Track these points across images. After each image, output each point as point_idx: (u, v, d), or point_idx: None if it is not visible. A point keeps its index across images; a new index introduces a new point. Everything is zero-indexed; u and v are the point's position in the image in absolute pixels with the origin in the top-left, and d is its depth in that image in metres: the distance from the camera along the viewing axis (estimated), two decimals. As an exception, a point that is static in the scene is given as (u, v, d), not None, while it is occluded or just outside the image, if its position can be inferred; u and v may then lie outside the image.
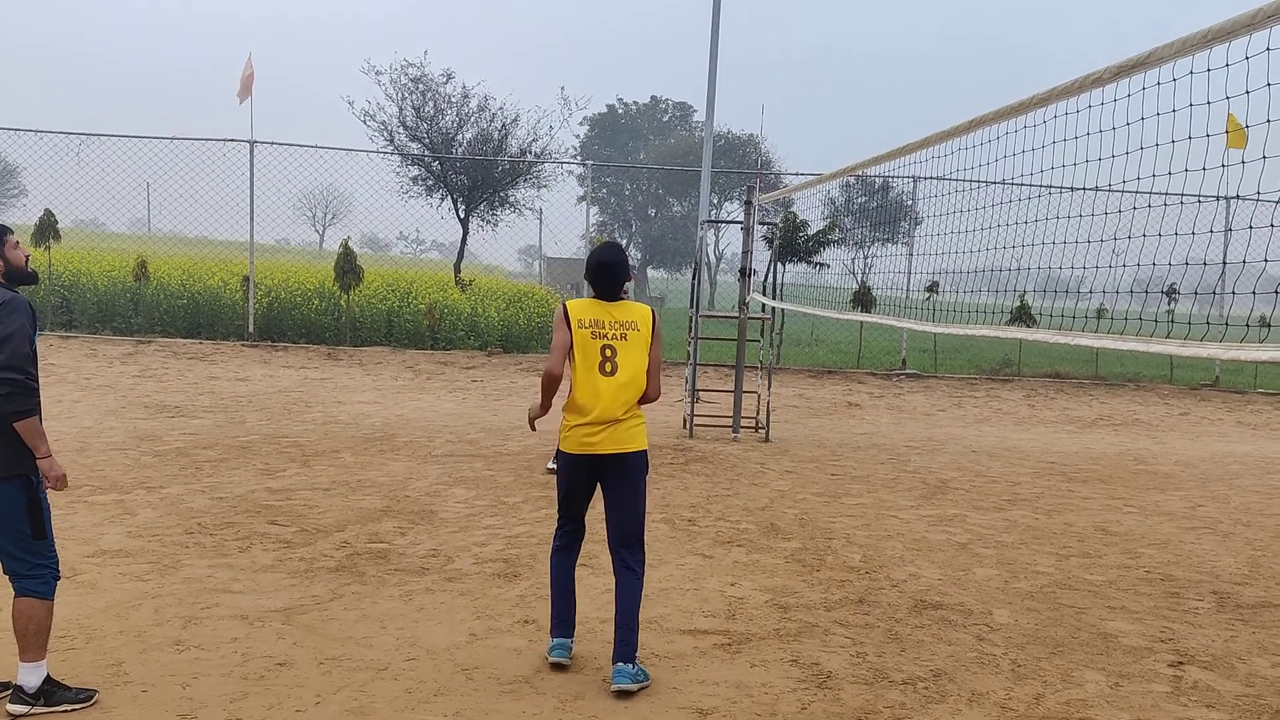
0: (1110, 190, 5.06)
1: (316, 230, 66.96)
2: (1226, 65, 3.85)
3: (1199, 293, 15.95)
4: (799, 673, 4.52)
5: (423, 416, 11.58)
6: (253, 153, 17.64)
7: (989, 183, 6.75)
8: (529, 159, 24.43)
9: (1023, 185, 6.28)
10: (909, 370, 18.04)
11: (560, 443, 4.50)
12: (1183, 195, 4.75)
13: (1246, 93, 3.84)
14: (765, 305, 12.36)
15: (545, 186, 25.80)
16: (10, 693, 3.86)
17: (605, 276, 4.45)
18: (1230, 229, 16.09)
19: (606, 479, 4.46)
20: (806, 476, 9.19)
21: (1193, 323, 5.13)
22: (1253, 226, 4.34)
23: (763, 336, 12.49)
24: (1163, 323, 5.60)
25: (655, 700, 4.17)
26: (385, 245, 58.25)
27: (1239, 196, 4.33)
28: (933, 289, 17.46)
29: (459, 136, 24.40)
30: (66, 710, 3.82)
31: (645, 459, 4.46)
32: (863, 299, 18.25)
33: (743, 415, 11.39)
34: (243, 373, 14.65)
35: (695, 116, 61.97)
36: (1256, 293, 4.42)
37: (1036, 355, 19.45)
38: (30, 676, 3.83)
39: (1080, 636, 5.16)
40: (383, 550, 6.12)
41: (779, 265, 16.32)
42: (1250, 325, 9.93)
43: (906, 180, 20.07)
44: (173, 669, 4.24)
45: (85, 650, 4.40)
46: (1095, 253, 5.45)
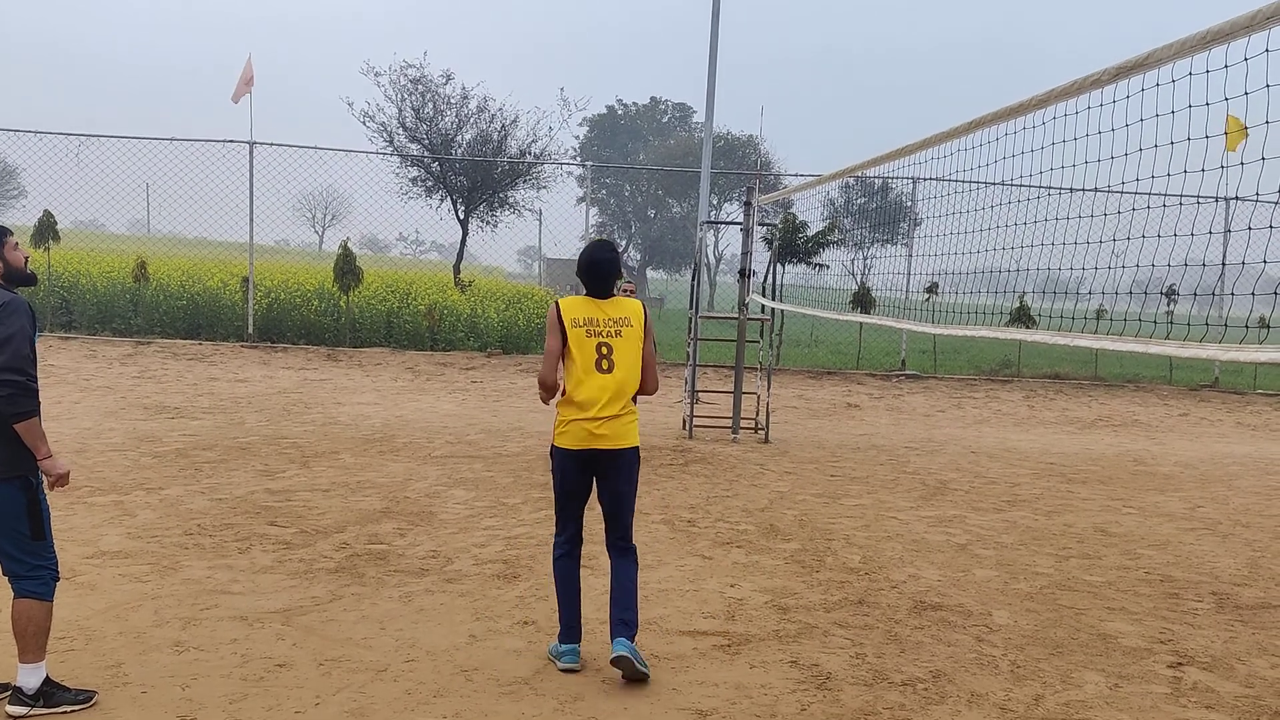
0: (1110, 191, 5.06)
1: (316, 231, 67.05)
2: (1225, 67, 3.85)
3: (1198, 294, 15.98)
4: (798, 674, 4.52)
5: (422, 417, 11.58)
6: (252, 154, 17.65)
7: (988, 184, 6.76)
8: (528, 160, 24.44)
9: (1022, 186, 6.29)
10: (908, 371, 18.04)
11: (556, 439, 4.51)
12: (1182, 196, 4.75)
13: (1245, 94, 3.85)
14: (765, 306, 12.36)
15: (545, 187, 25.87)
16: (10, 694, 3.86)
17: (597, 274, 4.55)
18: (1230, 230, 16.09)
19: (603, 475, 4.52)
20: (806, 477, 9.19)
21: (1192, 324, 5.13)
22: (1252, 228, 4.34)
23: (762, 337, 12.49)
24: (1162, 324, 5.61)
25: (655, 701, 4.17)
26: (385, 246, 58.20)
27: (1238, 198, 4.33)
28: (932, 290, 17.48)
29: (458, 137, 24.43)
30: (66, 711, 3.82)
31: (639, 454, 4.59)
32: (862, 300, 18.25)
33: (742, 416, 11.39)
34: (242, 374, 14.65)
35: (695, 117, 62.03)
36: (1256, 294, 4.42)
37: (1036, 356, 19.45)
38: (29, 678, 3.83)
39: (1080, 637, 5.16)
40: (382, 551, 6.12)
41: (778, 266, 16.33)
42: (1250, 326, 9.92)
43: (906, 181, 20.08)
44: (172, 670, 4.24)
45: (85, 651, 4.39)
46: (1095, 254, 5.46)
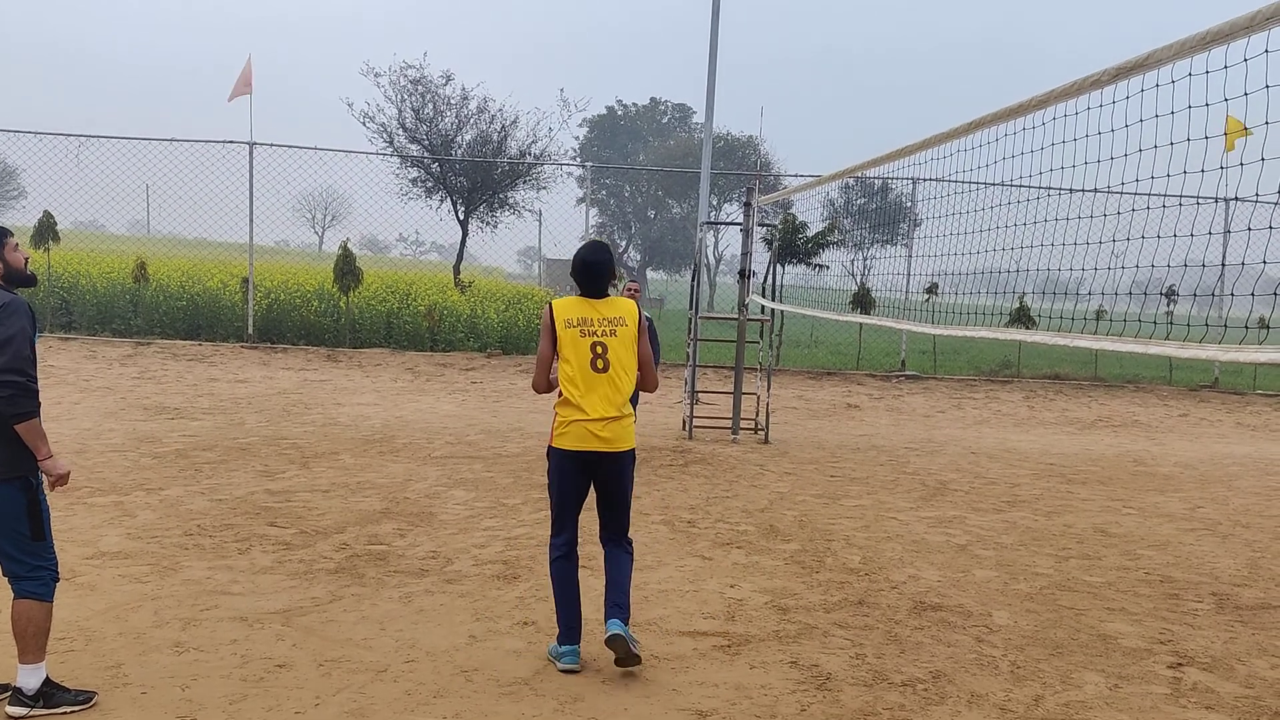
0: (1110, 192, 5.07)
1: (316, 232, 67.06)
2: (1225, 67, 3.86)
3: (1198, 294, 15.98)
4: (798, 674, 4.52)
5: (422, 418, 11.58)
6: (252, 154, 17.64)
7: (988, 184, 6.76)
8: (528, 161, 24.44)
9: (1022, 187, 6.29)
10: (908, 372, 18.04)
11: (555, 440, 4.52)
12: (1182, 197, 4.75)
13: (1245, 94, 3.85)
14: (765, 307, 12.37)
15: (544, 188, 25.85)
16: (10, 695, 3.86)
17: (591, 275, 4.61)
18: (1229, 230, 16.09)
19: (602, 477, 4.55)
20: (806, 478, 9.19)
21: (1192, 324, 5.14)
22: (1251, 228, 4.35)
23: (762, 338, 12.50)
24: (1162, 324, 5.61)
25: (655, 702, 4.17)
26: (385, 247, 58.23)
27: (1238, 198, 4.34)
28: (932, 290, 17.47)
29: (458, 138, 24.42)
30: (66, 712, 3.82)
31: (635, 455, 4.65)
32: (862, 300, 18.25)
33: (742, 417, 11.39)
34: (242, 374, 14.65)
35: (694, 118, 62.00)
36: (1255, 294, 4.42)
37: (1036, 357, 19.45)
38: (29, 678, 3.83)
39: (1079, 638, 5.16)
40: (382, 552, 6.12)
41: (778, 267, 16.34)
42: (1249, 327, 9.92)
43: (906, 182, 20.09)
44: (172, 671, 4.24)
45: (84, 652, 4.39)
46: (1095, 254, 5.47)
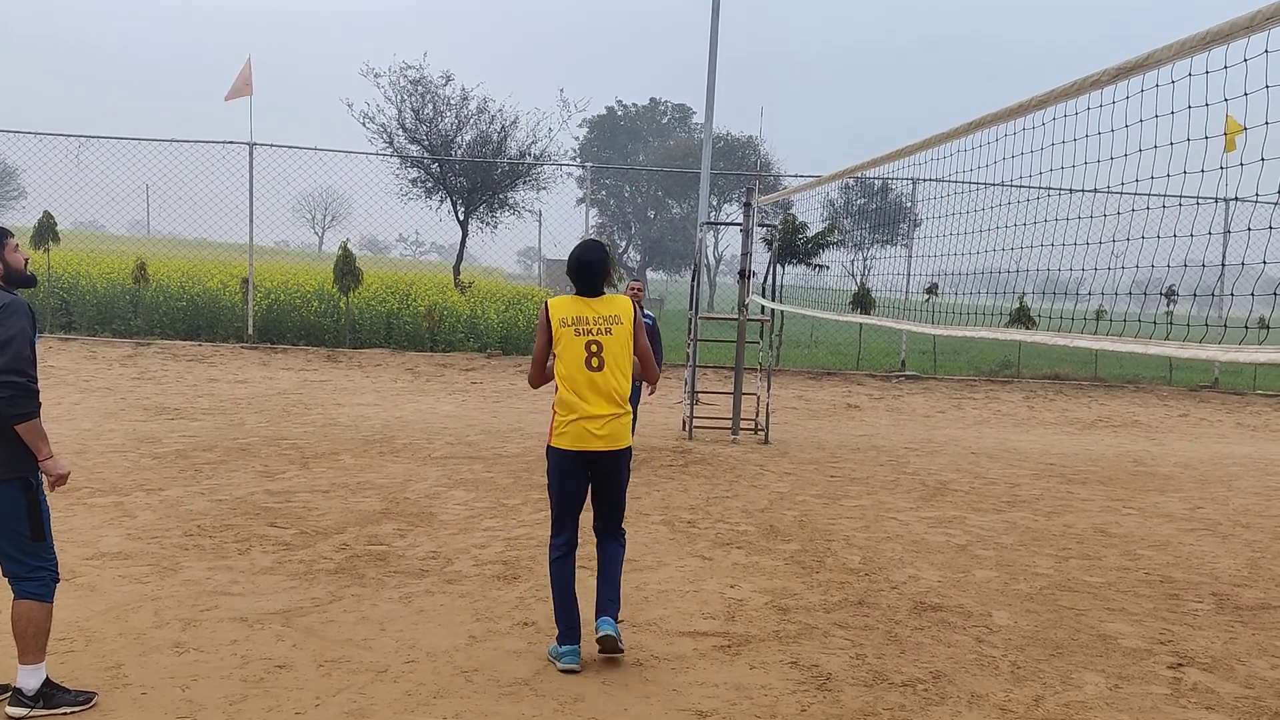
0: (1109, 192, 5.07)
1: (316, 232, 67.03)
2: (1225, 67, 3.86)
3: (1198, 294, 15.98)
4: (799, 675, 4.52)
5: (422, 419, 11.58)
6: (252, 155, 17.64)
7: (988, 184, 6.76)
8: (528, 161, 24.43)
9: (1022, 187, 6.29)
10: (908, 372, 18.04)
11: (554, 440, 4.53)
12: (1181, 197, 4.75)
13: (1245, 94, 3.85)
14: (764, 307, 12.37)
15: (544, 188, 25.82)
16: (10, 695, 3.86)
17: (586, 274, 4.64)
18: (1229, 231, 16.09)
19: (601, 475, 4.59)
20: (806, 478, 9.19)
21: (1192, 324, 5.14)
22: (1251, 228, 4.35)
23: (762, 338, 12.50)
24: (1162, 324, 5.62)
25: (655, 702, 4.17)
26: (384, 247, 58.24)
27: (1238, 198, 4.34)
28: (932, 290, 17.47)
29: (458, 139, 24.41)
30: (66, 713, 3.82)
31: (631, 452, 4.71)
32: (862, 301, 18.25)
33: (742, 417, 11.39)
34: (242, 375, 14.65)
35: (694, 118, 61.99)
36: (1255, 294, 4.42)
37: (1036, 357, 19.45)
38: (29, 679, 3.83)
39: (1080, 638, 5.16)
40: (382, 552, 6.12)
41: (778, 267, 16.35)
42: (1249, 327, 9.91)
43: (905, 182, 20.09)
44: (172, 671, 4.24)
45: (84, 653, 4.39)
46: (1094, 254, 5.47)
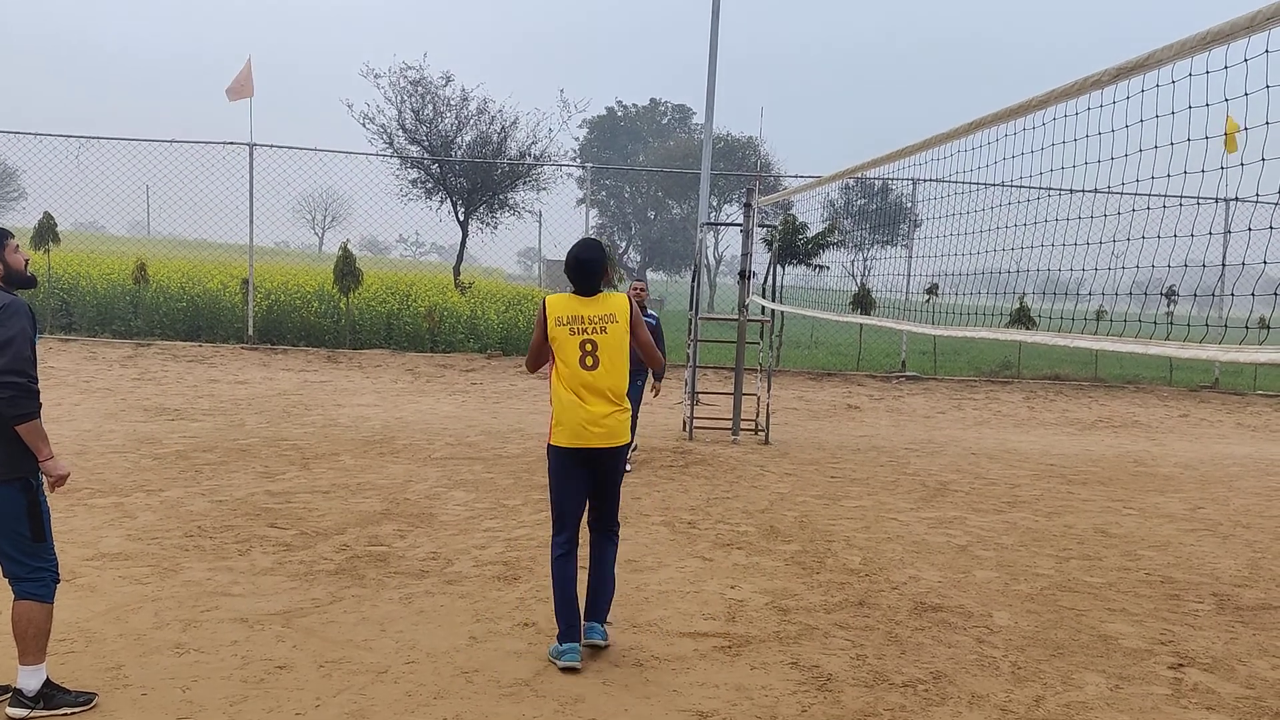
0: (1110, 192, 5.07)
1: (316, 233, 67.02)
2: (1225, 68, 3.85)
3: (1198, 294, 15.98)
4: (799, 675, 4.52)
5: (422, 419, 11.58)
6: (252, 155, 17.64)
7: (989, 185, 6.76)
8: (528, 162, 24.43)
9: (1022, 187, 6.29)
10: (908, 372, 18.03)
11: (553, 438, 4.54)
12: (1182, 197, 4.75)
13: (1245, 95, 3.85)
14: (765, 308, 12.36)
15: (544, 189, 25.80)
16: (10, 696, 3.86)
17: (584, 273, 4.64)
18: (1229, 231, 16.09)
19: (600, 472, 4.61)
20: (806, 479, 9.19)
21: (1192, 324, 5.14)
22: (1251, 229, 4.34)
23: (762, 339, 12.49)
24: (1162, 324, 5.61)
25: (655, 702, 4.17)
26: (385, 248, 58.26)
27: (1238, 198, 4.34)
28: (932, 291, 17.47)
29: (458, 139, 24.40)
30: (66, 713, 3.82)
31: (627, 449, 4.73)
32: (862, 301, 18.25)
33: (742, 418, 11.39)
34: (242, 375, 14.65)
35: (694, 119, 62.00)
36: (1256, 294, 4.42)
37: (1036, 357, 19.45)
38: (30, 679, 3.83)
39: (1080, 639, 5.15)
40: (382, 553, 6.12)
41: (778, 268, 16.33)
42: (1249, 327, 9.92)
43: (906, 182, 20.08)
44: (172, 672, 4.24)
45: (85, 653, 4.39)
46: (1095, 254, 5.46)
